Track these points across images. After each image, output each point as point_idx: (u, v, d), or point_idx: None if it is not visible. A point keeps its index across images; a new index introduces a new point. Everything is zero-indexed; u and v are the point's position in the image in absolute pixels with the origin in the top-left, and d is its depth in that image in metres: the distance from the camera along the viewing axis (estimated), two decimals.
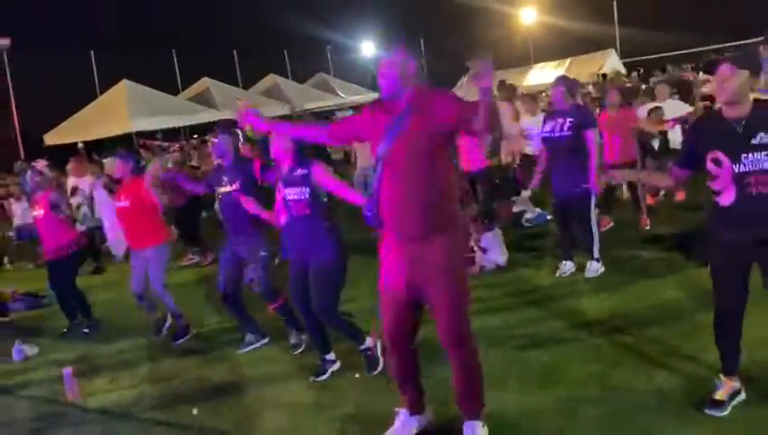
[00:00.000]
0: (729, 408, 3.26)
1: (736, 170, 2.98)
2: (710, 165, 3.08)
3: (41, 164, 10.64)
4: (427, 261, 3.07)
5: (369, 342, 4.34)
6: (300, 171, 4.17)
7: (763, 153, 2.93)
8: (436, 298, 3.11)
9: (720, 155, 3.02)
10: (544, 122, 6.02)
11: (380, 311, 3.33)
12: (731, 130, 3.01)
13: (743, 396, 3.32)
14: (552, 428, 3.37)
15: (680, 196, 8.22)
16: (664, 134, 8.46)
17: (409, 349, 3.36)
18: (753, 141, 2.95)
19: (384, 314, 3.30)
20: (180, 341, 5.61)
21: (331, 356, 4.46)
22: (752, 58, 3.07)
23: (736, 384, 3.33)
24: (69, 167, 9.75)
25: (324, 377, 4.37)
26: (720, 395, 3.30)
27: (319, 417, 3.86)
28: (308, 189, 4.13)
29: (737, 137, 2.99)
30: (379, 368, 4.28)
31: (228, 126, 5.23)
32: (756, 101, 3.06)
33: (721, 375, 3.36)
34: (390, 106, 3.09)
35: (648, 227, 7.10)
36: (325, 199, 4.25)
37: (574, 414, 3.46)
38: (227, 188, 4.99)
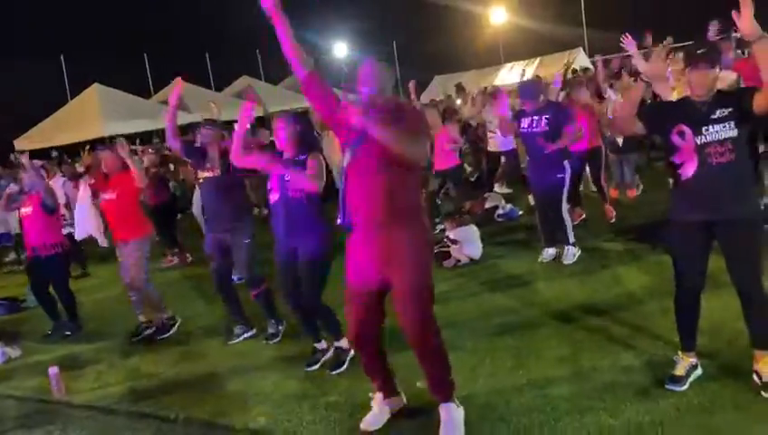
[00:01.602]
0: (688, 383, 3.49)
1: (698, 142, 3.26)
2: (675, 137, 3.34)
3: (31, 162, 10.58)
4: (389, 250, 3.23)
5: (344, 342, 4.48)
6: (301, 157, 4.27)
7: (720, 125, 3.23)
8: (399, 286, 3.25)
9: (684, 127, 3.29)
10: (520, 119, 6.25)
11: (346, 310, 3.47)
12: (694, 108, 3.32)
13: (699, 371, 3.56)
14: (522, 406, 3.57)
15: (631, 193, 8.55)
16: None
17: (375, 343, 3.51)
18: (713, 116, 3.25)
19: (350, 310, 3.44)
20: (164, 336, 5.72)
21: (323, 345, 4.60)
22: (717, 54, 3.36)
23: (694, 360, 3.57)
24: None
25: (317, 366, 4.51)
26: (679, 371, 3.54)
27: (303, 406, 4.00)
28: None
29: (699, 113, 3.29)
30: (342, 369, 4.39)
31: (214, 122, 5.40)
32: (718, 91, 3.35)
33: (680, 352, 3.60)
34: (366, 111, 3.26)
35: (613, 219, 7.39)
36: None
37: (544, 393, 3.67)
38: (209, 174, 5.12)
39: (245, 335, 5.34)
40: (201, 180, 5.24)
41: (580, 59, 26.40)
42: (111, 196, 5.75)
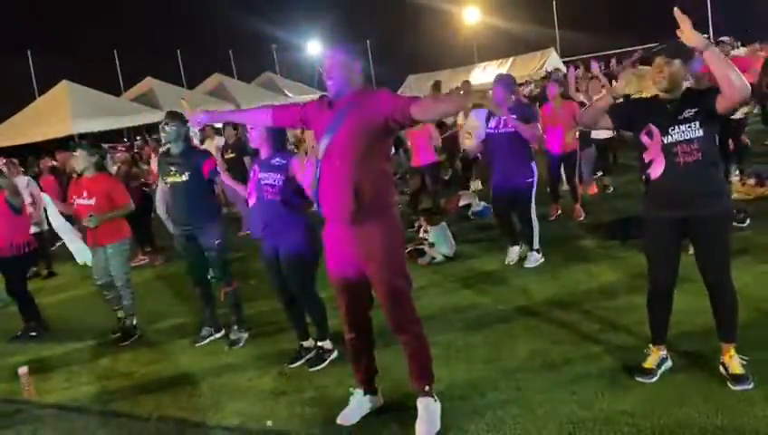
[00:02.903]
0: (658, 374, 3.57)
1: (665, 141, 3.31)
2: (644, 137, 3.40)
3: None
4: (361, 243, 3.26)
5: (327, 343, 4.50)
6: (277, 160, 4.29)
7: (687, 125, 3.28)
8: (375, 278, 3.31)
9: (652, 127, 3.35)
10: (488, 119, 6.23)
11: (336, 299, 3.53)
12: (662, 108, 3.36)
13: (669, 363, 3.64)
14: (497, 399, 3.61)
15: (591, 190, 8.73)
16: None
17: (367, 329, 3.57)
18: (680, 116, 3.30)
19: (339, 300, 3.50)
20: (127, 342, 5.55)
21: (309, 343, 4.58)
22: (684, 48, 3.38)
23: (663, 353, 3.64)
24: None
25: (299, 363, 4.49)
26: (649, 363, 3.61)
27: (278, 403, 4.00)
28: (281, 178, 4.24)
29: (667, 113, 3.34)
30: (320, 367, 4.39)
31: (177, 115, 5.13)
32: (688, 89, 3.40)
33: (650, 345, 3.68)
34: (335, 104, 3.29)
35: (581, 218, 7.50)
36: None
37: (517, 386, 3.72)
38: (177, 178, 5.04)
39: (213, 337, 5.29)
40: (169, 184, 5.13)
41: (552, 59, 26.72)
42: (89, 201, 5.50)
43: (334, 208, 3.30)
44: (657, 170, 3.37)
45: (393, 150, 8.94)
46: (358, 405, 3.64)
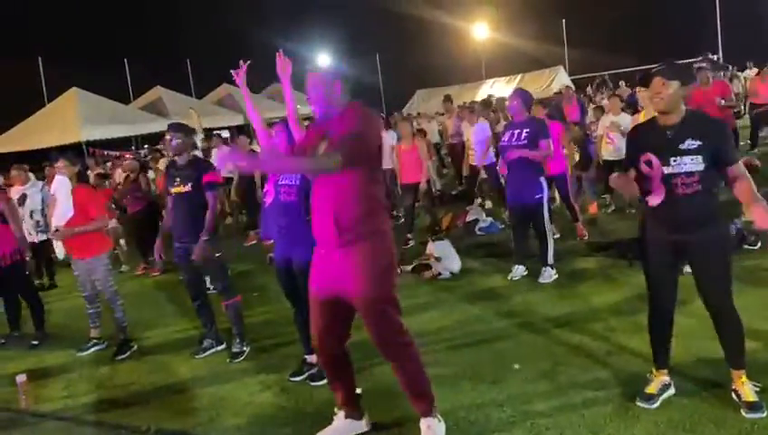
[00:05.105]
0: (659, 401, 3.48)
1: (665, 172, 3.23)
2: (643, 166, 3.32)
3: None
4: (344, 267, 3.16)
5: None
6: None
7: (689, 157, 3.18)
8: (357, 301, 3.19)
9: (651, 157, 3.26)
10: (503, 133, 6.33)
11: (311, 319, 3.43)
12: (662, 136, 3.26)
13: (672, 390, 3.54)
14: (503, 421, 3.53)
15: (592, 209, 8.67)
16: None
17: (335, 352, 3.43)
18: (681, 146, 3.20)
19: (312, 320, 3.40)
20: (122, 356, 5.44)
21: (313, 358, 4.44)
22: (682, 69, 3.31)
23: (666, 379, 3.56)
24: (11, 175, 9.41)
25: (300, 378, 4.42)
26: (651, 388, 3.53)
27: (278, 419, 3.93)
28: (300, 176, 4.18)
29: (667, 141, 3.23)
30: (322, 382, 4.21)
31: (181, 127, 5.16)
32: (690, 113, 3.30)
33: (653, 369, 3.60)
34: (322, 126, 3.23)
35: (585, 237, 7.42)
36: None
37: (524, 409, 3.63)
38: (180, 189, 5.00)
39: (214, 349, 5.22)
40: (172, 194, 5.08)
41: (561, 77, 26.73)
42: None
43: (318, 232, 3.25)
44: (656, 200, 3.31)
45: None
46: (336, 428, 3.56)
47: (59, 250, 7.02)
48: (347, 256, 3.15)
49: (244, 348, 5.07)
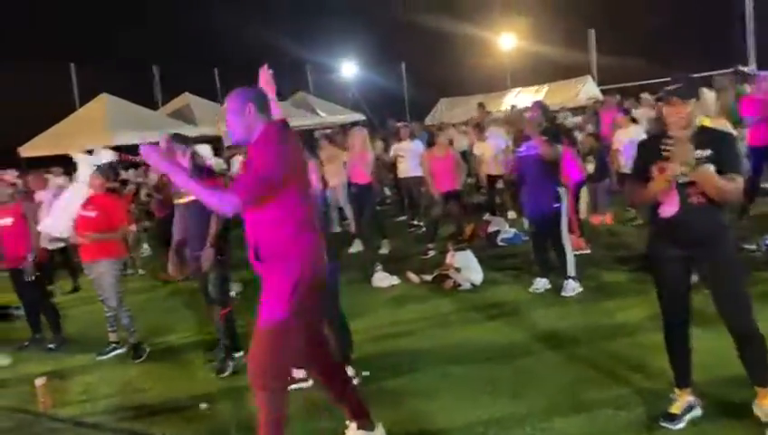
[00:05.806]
0: (684, 421, 3.37)
1: (679, 181, 3.19)
2: (656, 174, 3.25)
3: (9, 176, 10.50)
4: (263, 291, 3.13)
5: (348, 370, 4.28)
6: None
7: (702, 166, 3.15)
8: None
9: (666, 164, 3.20)
10: (521, 143, 6.30)
11: None
12: None
13: (698, 411, 3.44)
14: None
15: (607, 220, 8.64)
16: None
17: (323, 372, 3.44)
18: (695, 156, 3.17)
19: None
20: (139, 359, 5.52)
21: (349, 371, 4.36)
22: (693, 87, 3.34)
23: (690, 398, 3.45)
24: (29, 180, 9.54)
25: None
26: (675, 409, 3.43)
27: (296, 426, 3.88)
28: None
29: None
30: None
31: (179, 137, 5.16)
32: (702, 127, 3.34)
33: (675, 389, 3.49)
34: (249, 150, 3.16)
35: (587, 250, 7.28)
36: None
37: (544, 427, 3.55)
38: (182, 199, 5.01)
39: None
40: (180, 202, 5.07)
41: (589, 87, 26.41)
42: (91, 213, 5.55)
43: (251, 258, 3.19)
44: (670, 210, 3.26)
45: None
46: None
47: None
48: (264, 283, 3.12)
49: (230, 362, 4.96)
